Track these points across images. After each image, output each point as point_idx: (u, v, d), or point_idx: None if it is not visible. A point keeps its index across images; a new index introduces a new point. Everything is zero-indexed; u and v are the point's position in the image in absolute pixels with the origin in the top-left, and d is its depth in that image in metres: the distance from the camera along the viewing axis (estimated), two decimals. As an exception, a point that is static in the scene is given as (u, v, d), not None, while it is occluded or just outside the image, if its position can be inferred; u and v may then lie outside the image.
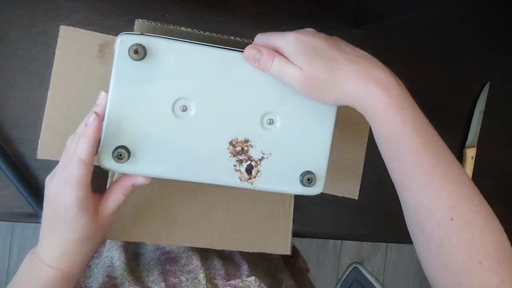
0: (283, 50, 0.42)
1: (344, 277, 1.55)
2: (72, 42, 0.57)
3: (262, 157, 0.45)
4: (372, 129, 0.43)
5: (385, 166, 0.58)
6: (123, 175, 0.45)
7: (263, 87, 0.44)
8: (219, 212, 0.56)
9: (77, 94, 0.56)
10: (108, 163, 0.43)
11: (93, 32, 0.57)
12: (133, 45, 0.41)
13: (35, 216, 0.58)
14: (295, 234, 0.66)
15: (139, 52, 0.41)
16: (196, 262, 0.55)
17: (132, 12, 0.61)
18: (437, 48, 0.78)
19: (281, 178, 0.45)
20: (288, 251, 0.59)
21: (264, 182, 0.45)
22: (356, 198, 0.68)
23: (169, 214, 0.55)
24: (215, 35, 0.47)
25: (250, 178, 0.44)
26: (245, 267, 0.57)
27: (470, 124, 0.79)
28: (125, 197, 0.45)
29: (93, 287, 0.56)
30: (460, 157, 0.79)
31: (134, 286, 0.51)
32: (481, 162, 0.79)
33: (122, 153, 0.42)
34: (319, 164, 0.46)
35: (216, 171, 0.44)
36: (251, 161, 0.44)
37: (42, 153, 0.56)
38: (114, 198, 0.45)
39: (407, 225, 0.45)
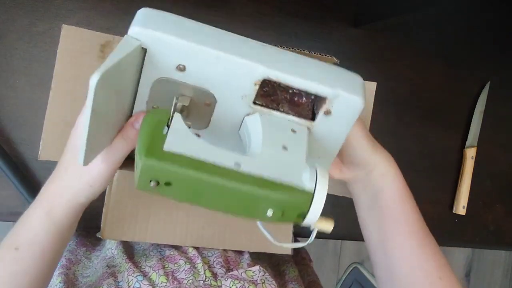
0: None
1: (344, 277, 1.54)
2: (74, 42, 0.56)
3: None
4: (383, 191, 0.47)
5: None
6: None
7: None
8: (219, 212, 0.56)
9: (79, 95, 0.56)
10: None
11: (95, 31, 0.57)
12: None
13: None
14: (295, 234, 0.66)
15: None
16: (192, 251, 0.55)
17: (131, 13, 0.61)
18: (437, 48, 0.79)
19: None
20: (289, 251, 0.59)
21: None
22: (356, 198, 0.68)
23: (169, 214, 0.55)
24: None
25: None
26: (246, 255, 0.57)
27: (470, 124, 0.80)
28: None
29: (90, 277, 0.55)
30: (460, 157, 0.79)
31: (133, 273, 0.50)
32: (481, 162, 0.79)
33: None
34: None
35: None
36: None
37: (44, 154, 0.56)
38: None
39: None
